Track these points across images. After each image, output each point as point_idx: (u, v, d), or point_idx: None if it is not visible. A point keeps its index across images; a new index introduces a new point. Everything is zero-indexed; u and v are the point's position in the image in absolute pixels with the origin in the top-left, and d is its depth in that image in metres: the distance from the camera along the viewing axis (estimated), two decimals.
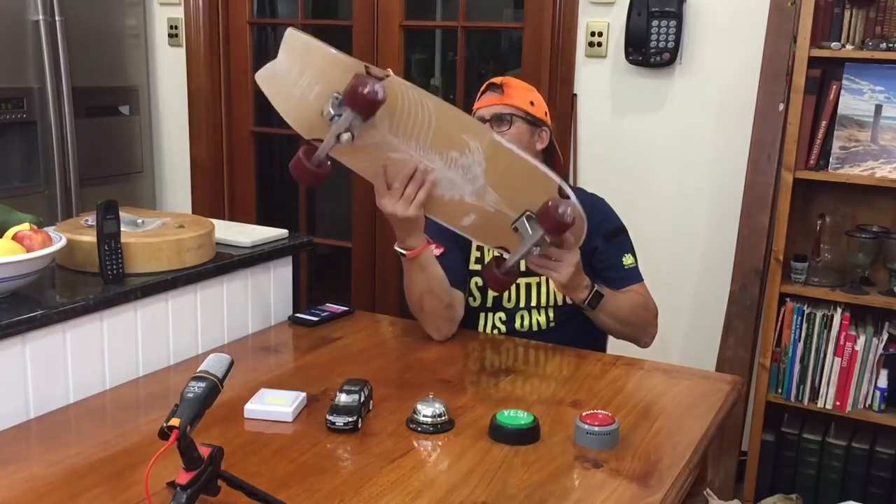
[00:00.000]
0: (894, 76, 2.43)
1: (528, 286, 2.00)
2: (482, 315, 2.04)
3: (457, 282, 1.97)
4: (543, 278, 1.96)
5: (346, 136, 1.57)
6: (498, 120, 1.97)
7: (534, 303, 2.00)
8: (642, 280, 2.01)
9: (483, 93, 2.04)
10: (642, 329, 1.97)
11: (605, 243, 1.97)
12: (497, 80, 2.04)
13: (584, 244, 1.92)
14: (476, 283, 2.03)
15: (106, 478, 1.30)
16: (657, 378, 1.77)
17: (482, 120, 1.96)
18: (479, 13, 3.42)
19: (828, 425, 2.63)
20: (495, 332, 2.03)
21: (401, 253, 1.80)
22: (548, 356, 1.87)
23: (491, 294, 2.01)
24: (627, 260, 1.99)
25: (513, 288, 1.98)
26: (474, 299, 2.04)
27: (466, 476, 1.32)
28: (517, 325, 2.01)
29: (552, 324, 2.00)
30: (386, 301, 3.44)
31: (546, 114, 2.05)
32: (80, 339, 1.59)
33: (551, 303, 2.00)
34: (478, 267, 2.03)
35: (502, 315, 2.02)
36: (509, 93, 2.00)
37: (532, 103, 2.01)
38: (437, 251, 1.92)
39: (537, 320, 2.00)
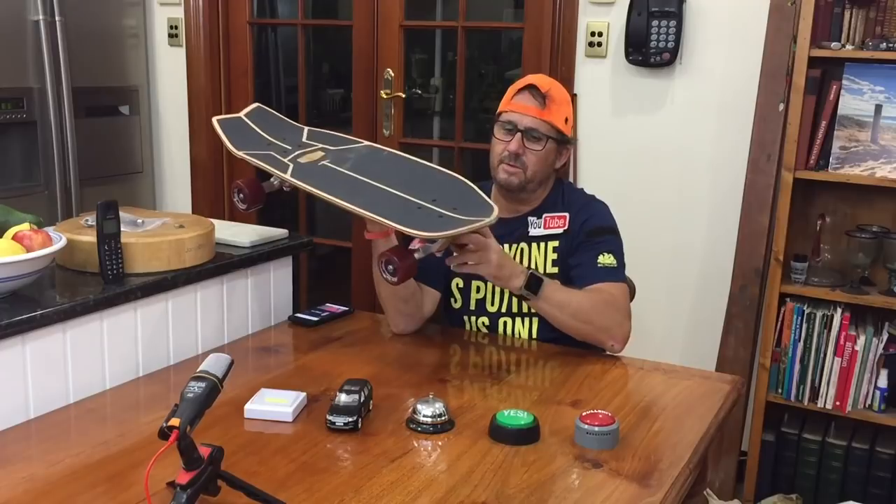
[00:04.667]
0: (894, 76, 2.43)
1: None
2: (466, 319, 2.01)
3: (427, 278, 1.94)
4: None
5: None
6: (532, 136, 1.88)
7: (515, 309, 1.95)
8: (618, 280, 1.87)
9: (520, 91, 1.90)
10: (604, 329, 1.81)
11: (585, 240, 1.90)
12: (543, 84, 1.89)
13: (567, 243, 1.91)
14: (457, 285, 1.99)
15: (106, 478, 1.30)
16: (657, 378, 1.77)
17: (512, 125, 1.88)
18: (479, 13, 3.41)
19: (828, 425, 2.63)
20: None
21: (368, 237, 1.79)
22: (548, 356, 1.86)
23: (473, 297, 1.98)
24: (604, 258, 1.86)
25: (497, 291, 1.95)
26: (455, 300, 2.01)
27: (466, 476, 1.32)
28: (500, 331, 1.97)
29: (535, 338, 1.94)
30: None
31: (572, 126, 1.95)
32: (80, 339, 1.59)
33: (534, 310, 1.88)
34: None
35: (485, 320, 1.98)
36: (551, 107, 1.87)
37: (566, 120, 1.91)
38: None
39: (520, 332, 1.96)
